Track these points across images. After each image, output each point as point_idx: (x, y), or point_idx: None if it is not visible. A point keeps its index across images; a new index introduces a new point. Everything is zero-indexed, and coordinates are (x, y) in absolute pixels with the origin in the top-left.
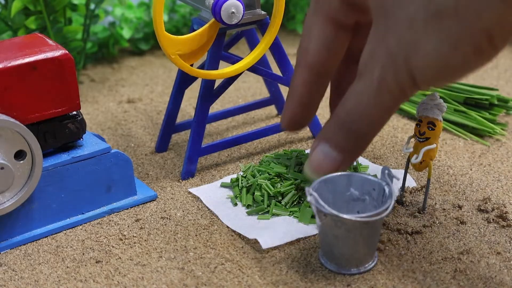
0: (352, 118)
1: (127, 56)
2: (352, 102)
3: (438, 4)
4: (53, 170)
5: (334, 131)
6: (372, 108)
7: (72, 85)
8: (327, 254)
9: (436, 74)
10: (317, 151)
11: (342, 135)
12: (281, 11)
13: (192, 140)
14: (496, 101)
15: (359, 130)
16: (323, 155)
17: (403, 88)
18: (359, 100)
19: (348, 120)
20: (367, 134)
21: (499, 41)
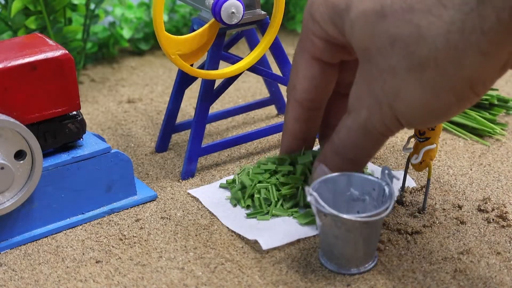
0: (344, 146)
1: (127, 56)
2: (344, 134)
3: (419, 56)
4: (53, 170)
5: (331, 156)
6: (361, 141)
7: (72, 85)
8: (327, 254)
9: (420, 119)
10: (317, 171)
11: (338, 159)
12: (281, 11)
13: (192, 140)
14: (496, 101)
15: (351, 156)
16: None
17: (389, 128)
18: (349, 133)
19: (342, 148)
20: (360, 160)
21: (480, 88)
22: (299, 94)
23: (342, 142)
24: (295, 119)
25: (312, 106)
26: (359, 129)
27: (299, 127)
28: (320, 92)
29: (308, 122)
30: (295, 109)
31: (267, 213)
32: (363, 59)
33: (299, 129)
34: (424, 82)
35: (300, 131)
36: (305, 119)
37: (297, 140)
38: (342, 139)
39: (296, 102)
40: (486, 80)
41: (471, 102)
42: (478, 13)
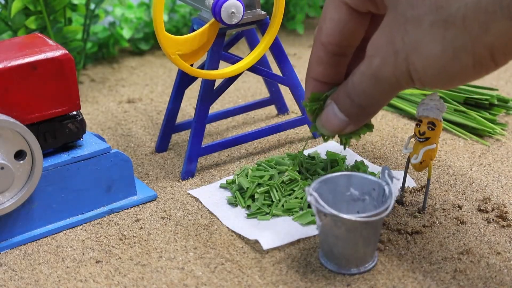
0: (355, 91)
1: (127, 56)
2: (357, 78)
3: (447, 12)
4: (53, 170)
5: (343, 97)
6: (371, 89)
7: (72, 85)
8: (327, 254)
9: (433, 78)
10: (328, 109)
11: (348, 102)
12: (281, 11)
13: (192, 140)
14: (496, 101)
15: (361, 103)
16: (333, 113)
17: (399, 81)
18: (361, 79)
19: (353, 92)
20: (368, 108)
21: (501, 57)
22: (324, 36)
23: (354, 86)
24: (318, 61)
25: (336, 51)
26: (370, 76)
27: (321, 71)
28: (345, 38)
29: (331, 67)
30: (319, 51)
31: (268, 213)
32: (391, 5)
33: (321, 72)
34: (446, 40)
35: (322, 74)
36: (328, 63)
37: (319, 83)
38: (355, 83)
39: (320, 44)
40: (508, 49)
41: (488, 70)
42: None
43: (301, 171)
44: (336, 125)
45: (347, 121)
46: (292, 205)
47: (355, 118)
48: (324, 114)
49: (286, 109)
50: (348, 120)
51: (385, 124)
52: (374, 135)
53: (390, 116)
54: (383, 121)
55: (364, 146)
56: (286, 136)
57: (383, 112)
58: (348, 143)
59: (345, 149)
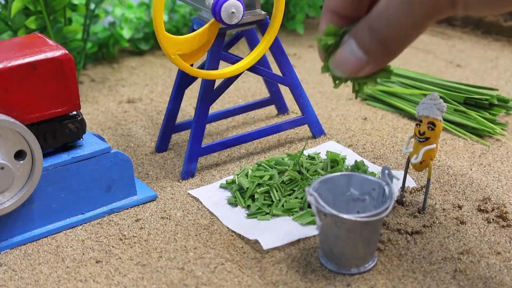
0: (380, 22)
1: (127, 56)
2: (383, 6)
3: None
4: (53, 170)
5: (362, 31)
6: (401, 17)
7: (72, 85)
8: (327, 254)
9: None
10: (345, 45)
11: (369, 36)
12: (281, 11)
13: (192, 140)
14: (496, 101)
15: (386, 36)
16: (350, 51)
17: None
18: (389, 6)
19: (376, 23)
20: (393, 43)
21: None
22: None
23: (379, 15)
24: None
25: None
26: (401, 2)
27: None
28: None
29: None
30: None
31: (268, 213)
32: None
33: (341, 2)
34: None
35: (342, 5)
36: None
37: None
38: (380, 11)
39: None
40: None
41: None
42: None
43: (301, 171)
44: (352, 64)
45: (365, 60)
46: (292, 205)
47: (375, 56)
48: (339, 51)
49: (286, 109)
50: (367, 58)
51: (385, 124)
52: (374, 135)
53: (390, 116)
54: (383, 121)
55: (364, 146)
56: (286, 136)
57: (383, 112)
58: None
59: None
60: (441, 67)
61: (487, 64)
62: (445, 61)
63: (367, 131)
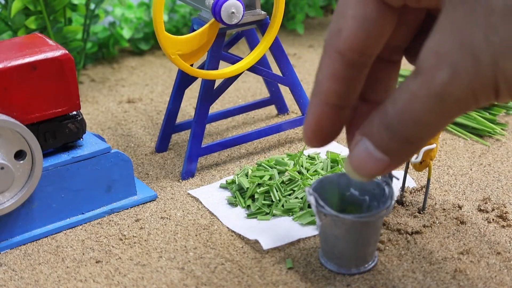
0: (401, 120)
1: (127, 56)
2: (404, 102)
3: None
4: (53, 170)
5: (378, 129)
6: (428, 115)
7: (72, 85)
8: (327, 254)
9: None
10: (359, 148)
11: (388, 135)
12: (281, 11)
13: (192, 140)
14: None
15: (409, 135)
16: (366, 153)
17: (476, 97)
18: (413, 102)
19: (397, 121)
20: (417, 141)
21: None
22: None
23: (400, 114)
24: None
25: (358, 60)
26: (430, 98)
27: (335, 89)
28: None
29: (348, 83)
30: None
31: (268, 213)
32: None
33: (335, 91)
34: None
35: (337, 94)
36: (345, 78)
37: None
38: (400, 109)
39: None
40: None
41: None
42: None
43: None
44: (372, 167)
45: (387, 161)
46: (292, 205)
47: (398, 155)
48: (354, 155)
49: (286, 109)
50: (388, 159)
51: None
52: None
53: None
54: None
55: None
56: (286, 136)
57: None
58: None
59: None
60: None
61: None
62: None
63: None
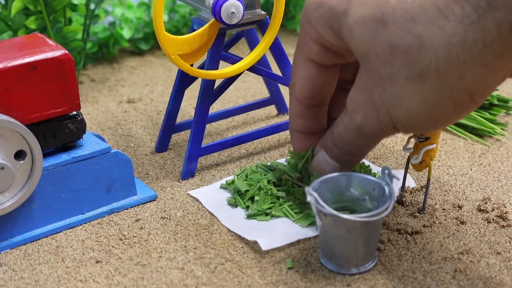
0: (342, 141)
1: (127, 56)
2: (341, 129)
3: (420, 65)
4: (53, 170)
5: (330, 146)
6: (356, 140)
7: (72, 85)
8: (327, 254)
9: (417, 125)
10: (318, 156)
11: (336, 149)
12: (281, 11)
13: (192, 140)
14: (496, 101)
15: (349, 150)
16: (324, 161)
17: (384, 132)
18: (345, 130)
19: (339, 141)
20: (357, 154)
21: (479, 97)
22: (297, 92)
23: (340, 136)
24: (297, 115)
25: (312, 103)
26: (354, 130)
27: (302, 123)
28: (318, 91)
29: (311, 118)
30: (296, 106)
31: (268, 214)
32: (362, 64)
33: (303, 125)
34: (424, 91)
35: (304, 126)
36: (307, 115)
37: (304, 134)
38: (340, 133)
39: (296, 99)
40: (486, 90)
41: (470, 110)
42: (480, 25)
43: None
44: (328, 170)
45: (339, 166)
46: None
47: (346, 163)
48: (315, 161)
49: (286, 109)
50: (339, 165)
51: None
52: None
53: None
54: None
55: None
56: (286, 136)
57: None
58: None
59: None
60: None
61: None
62: None
63: None
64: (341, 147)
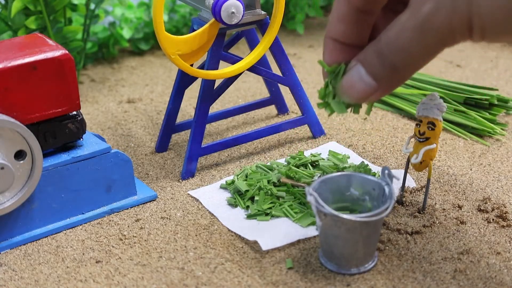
0: (390, 49)
1: (127, 56)
2: (394, 32)
3: None
4: (53, 170)
5: (371, 57)
6: (413, 44)
7: (72, 85)
8: (327, 254)
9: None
10: (352, 72)
11: (379, 62)
12: (281, 11)
13: (192, 140)
14: (496, 101)
15: (396, 63)
16: (358, 77)
17: (453, 33)
18: (401, 33)
19: (387, 50)
20: (404, 69)
21: None
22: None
23: (390, 41)
24: (340, 18)
25: (363, 6)
26: (415, 28)
27: (343, 29)
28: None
29: (355, 26)
30: (341, 6)
31: (267, 214)
32: None
33: (343, 31)
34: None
35: (343, 33)
36: (352, 20)
37: (339, 44)
38: (391, 38)
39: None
40: None
41: None
42: None
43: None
44: (361, 90)
45: (375, 86)
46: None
47: (386, 82)
48: (347, 77)
49: (286, 109)
50: (376, 84)
51: (385, 124)
52: (374, 135)
53: (390, 116)
54: (383, 121)
55: (364, 146)
56: (286, 136)
57: (383, 112)
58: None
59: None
60: (441, 67)
61: (487, 64)
62: (445, 61)
63: (367, 131)
64: (386, 57)
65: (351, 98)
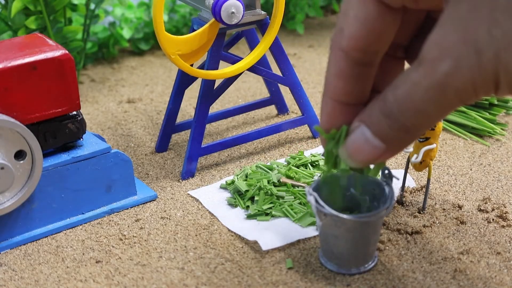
0: (401, 108)
1: (127, 56)
2: (405, 91)
3: None
4: (53, 170)
5: (378, 118)
6: (428, 104)
7: (72, 85)
8: (327, 254)
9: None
10: (357, 134)
11: (387, 123)
12: (281, 11)
13: (192, 140)
14: (496, 101)
15: (408, 124)
16: (363, 140)
17: (476, 90)
18: (414, 92)
19: (397, 110)
20: (416, 130)
21: None
22: (346, 40)
23: (400, 102)
24: (338, 75)
25: (362, 59)
26: (431, 88)
27: (343, 87)
28: (373, 41)
29: (355, 82)
30: (339, 61)
31: (268, 214)
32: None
33: (343, 89)
34: None
35: (344, 92)
36: (351, 75)
37: (340, 105)
38: (401, 98)
39: (341, 51)
40: None
41: None
42: None
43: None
44: (368, 153)
45: (383, 148)
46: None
47: (396, 143)
48: (351, 139)
49: (286, 109)
50: (385, 146)
51: None
52: None
53: None
54: None
55: None
56: (286, 136)
57: None
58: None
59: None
60: None
61: None
62: None
63: None
64: (395, 118)
65: (358, 162)
